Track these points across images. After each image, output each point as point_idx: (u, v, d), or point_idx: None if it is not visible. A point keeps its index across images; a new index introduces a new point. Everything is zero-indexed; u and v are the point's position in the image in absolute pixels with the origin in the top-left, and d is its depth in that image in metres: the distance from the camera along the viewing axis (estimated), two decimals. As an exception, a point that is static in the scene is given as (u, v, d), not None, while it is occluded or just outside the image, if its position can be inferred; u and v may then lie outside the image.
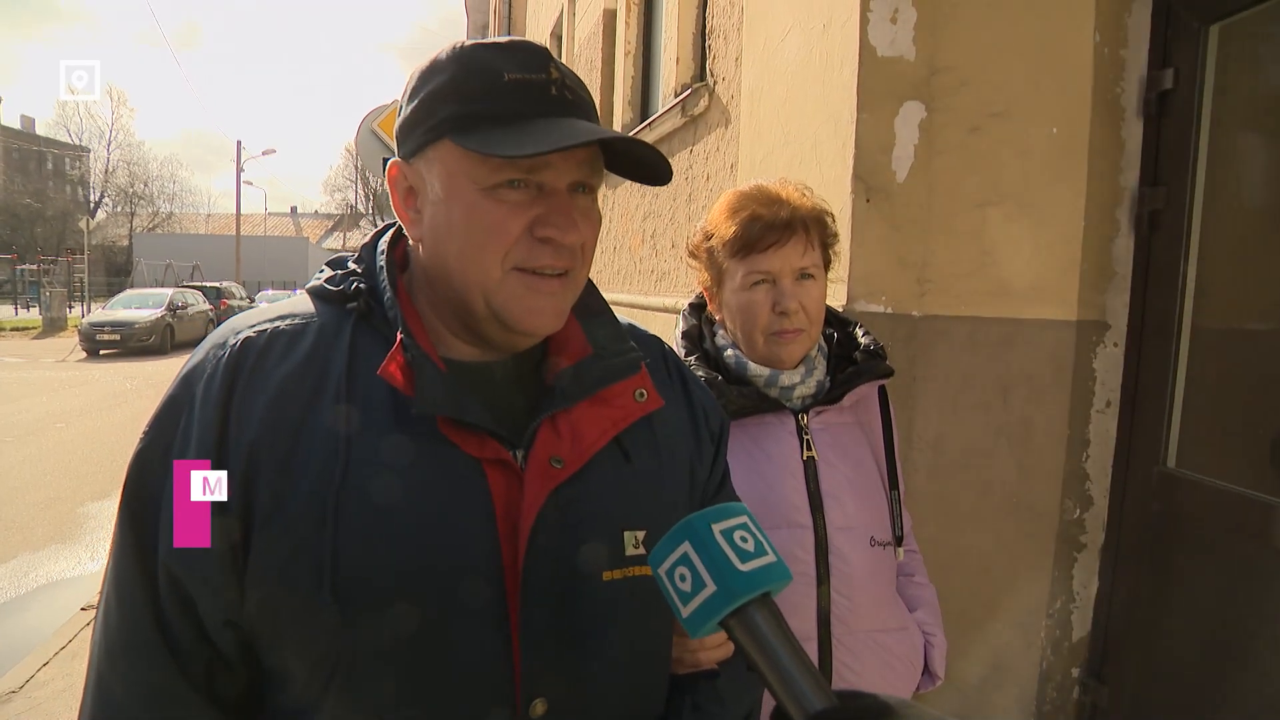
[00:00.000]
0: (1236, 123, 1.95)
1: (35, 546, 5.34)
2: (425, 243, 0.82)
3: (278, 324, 0.81)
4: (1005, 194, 2.03)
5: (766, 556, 0.65)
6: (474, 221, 0.77)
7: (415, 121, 0.80)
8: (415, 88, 0.81)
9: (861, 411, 1.43)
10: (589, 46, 7.20)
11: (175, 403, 0.79)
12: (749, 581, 0.63)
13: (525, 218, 0.78)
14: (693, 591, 0.64)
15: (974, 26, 2.03)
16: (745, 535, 0.65)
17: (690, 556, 0.64)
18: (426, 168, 0.80)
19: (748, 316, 1.35)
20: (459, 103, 0.77)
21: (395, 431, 0.76)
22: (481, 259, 0.78)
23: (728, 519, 0.66)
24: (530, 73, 0.77)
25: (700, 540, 0.65)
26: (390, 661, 0.75)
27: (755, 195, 1.36)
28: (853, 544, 1.34)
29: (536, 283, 0.79)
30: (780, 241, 1.31)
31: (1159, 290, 2.00)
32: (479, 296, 0.79)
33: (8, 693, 3.36)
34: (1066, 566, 2.10)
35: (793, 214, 1.32)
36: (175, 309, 19.46)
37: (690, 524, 0.66)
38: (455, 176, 0.78)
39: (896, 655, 1.38)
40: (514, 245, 0.78)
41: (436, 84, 0.79)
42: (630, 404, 0.86)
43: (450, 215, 0.78)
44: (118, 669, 0.78)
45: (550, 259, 0.79)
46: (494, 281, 0.78)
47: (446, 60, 0.79)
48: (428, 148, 0.79)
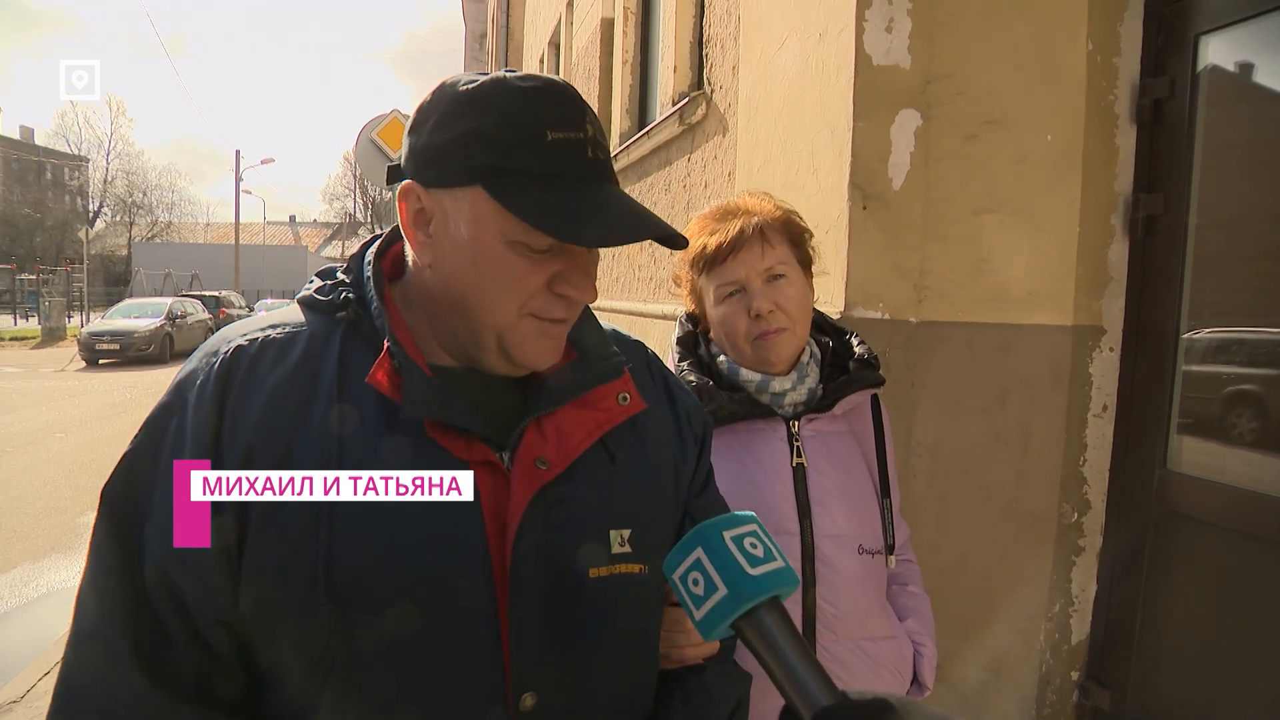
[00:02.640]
0: (1230, 129, 1.97)
1: (35, 556, 5.33)
2: (436, 269, 0.82)
3: (269, 332, 0.83)
4: (1001, 201, 2.05)
5: (775, 562, 0.68)
6: (497, 269, 0.79)
7: (445, 155, 0.79)
8: (447, 116, 0.79)
9: (854, 420, 1.44)
10: (587, 55, 7.23)
11: (167, 409, 0.81)
12: (759, 585, 0.66)
13: (547, 273, 0.80)
14: (705, 595, 0.67)
15: (969, 35, 2.05)
16: (755, 542, 0.69)
17: (703, 562, 0.68)
18: (453, 205, 0.79)
19: (729, 327, 1.37)
20: (499, 153, 0.77)
21: (385, 436, 0.78)
22: (498, 304, 0.80)
23: (738, 526, 0.69)
24: (570, 131, 0.78)
25: (712, 547, 0.68)
26: (384, 660, 0.76)
27: (714, 213, 1.41)
28: (841, 551, 1.35)
29: (548, 328, 0.83)
30: (737, 249, 1.34)
31: (1154, 295, 2.01)
32: (491, 334, 0.82)
33: (9, 702, 3.36)
34: (1065, 570, 2.11)
35: (746, 220, 1.35)
36: (174, 318, 19.46)
37: (702, 531, 0.69)
38: (484, 224, 0.78)
39: (884, 664, 1.38)
40: (532, 297, 0.80)
41: (475, 125, 0.77)
42: (614, 407, 0.88)
43: (474, 257, 0.79)
44: (86, 668, 0.78)
45: (563, 312, 0.83)
46: (508, 324, 0.81)
47: (488, 100, 0.78)
48: (457, 188, 0.79)
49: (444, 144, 0.79)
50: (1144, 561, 2.02)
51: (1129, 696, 2.04)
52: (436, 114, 0.80)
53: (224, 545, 0.76)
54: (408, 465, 0.77)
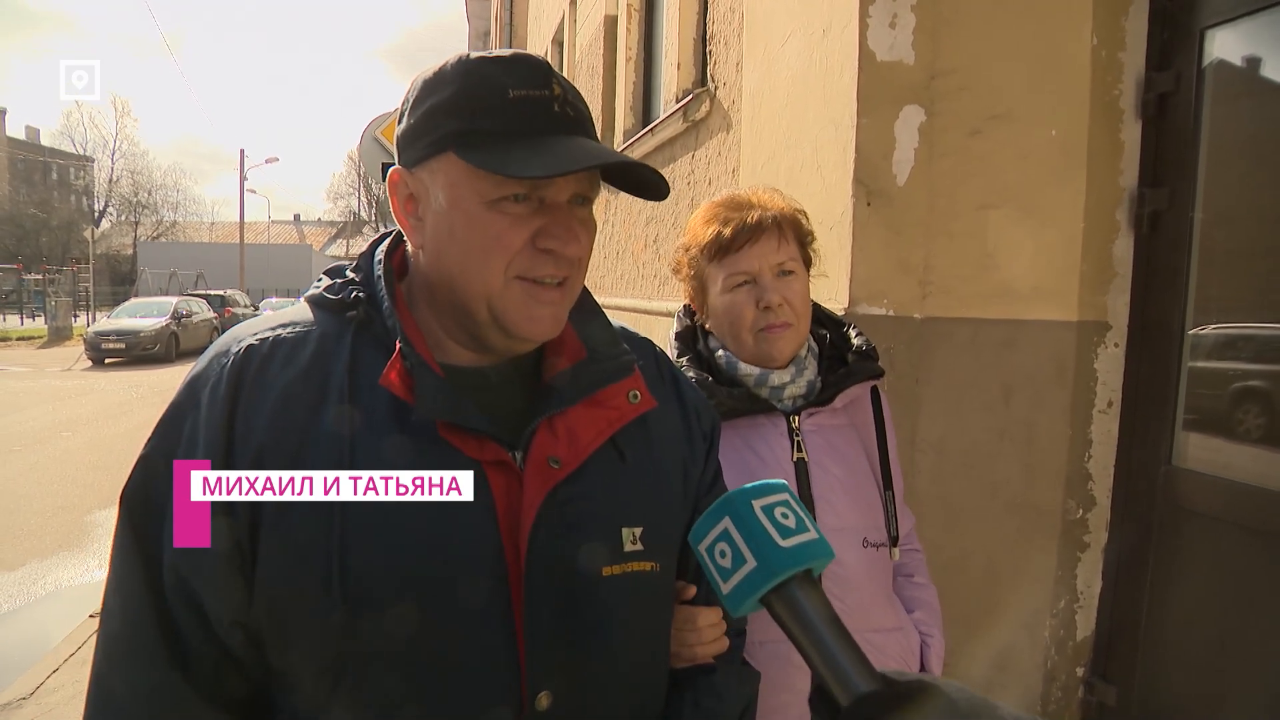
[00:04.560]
0: (1235, 124, 1.96)
1: (44, 554, 5.36)
2: (427, 250, 0.83)
3: (279, 332, 0.83)
4: (1006, 196, 2.04)
5: (808, 533, 0.63)
6: (477, 232, 0.79)
7: (418, 133, 0.81)
8: (418, 98, 0.82)
9: (855, 413, 1.44)
10: (590, 53, 7.22)
11: (180, 409, 0.82)
12: (790, 557, 0.61)
13: (528, 230, 0.80)
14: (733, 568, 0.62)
15: (973, 31, 2.05)
16: (786, 512, 0.64)
17: (730, 532, 0.63)
18: (430, 178, 0.81)
19: (734, 317, 1.36)
20: (463, 118, 0.79)
21: (397, 436, 0.78)
22: (484, 268, 0.80)
23: (769, 495, 0.64)
24: (533, 89, 0.79)
25: (740, 516, 0.63)
26: (397, 660, 0.77)
27: (725, 202, 1.40)
28: (845, 545, 1.34)
29: (537, 291, 0.82)
30: (754, 239, 1.34)
31: (1159, 290, 2.01)
32: (481, 303, 0.81)
33: (19, 699, 3.37)
34: (1070, 566, 2.10)
35: (763, 213, 1.35)
36: (180, 317, 19.50)
37: (731, 500, 0.64)
38: (459, 189, 0.79)
39: (891, 656, 1.38)
40: (516, 256, 0.80)
41: (440, 97, 0.80)
42: (624, 405, 0.88)
43: (453, 225, 0.80)
44: (118, 670, 0.79)
45: (551, 269, 0.82)
46: (496, 290, 0.81)
47: (451, 74, 0.81)
48: (431, 159, 0.80)
49: (415, 123, 0.82)
50: (1149, 557, 2.01)
51: (1134, 692, 2.04)
52: (410, 102, 0.83)
53: (234, 546, 0.77)
54: (420, 465, 0.77)
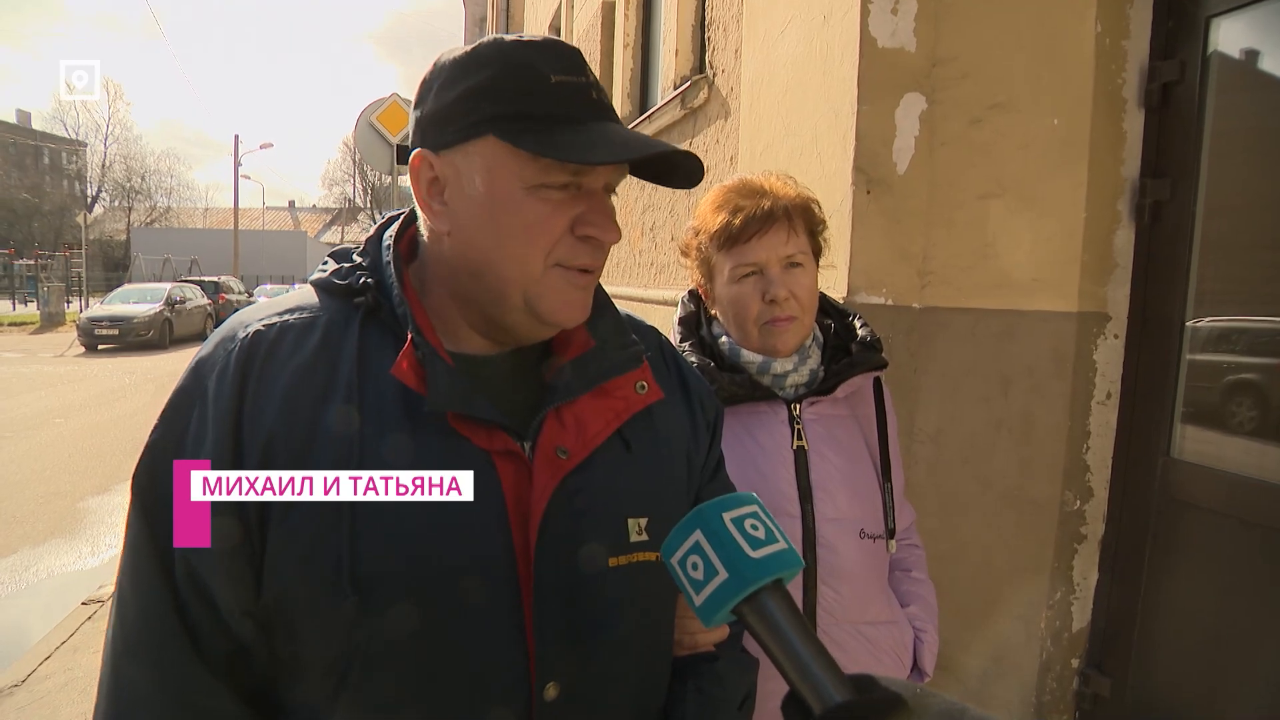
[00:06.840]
0: (1239, 115, 1.94)
1: (36, 541, 5.34)
2: (454, 235, 0.82)
3: (286, 318, 0.82)
4: (1006, 186, 2.03)
5: (777, 544, 0.65)
6: (518, 220, 0.78)
7: (451, 115, 0.79)
8: (447, 80, 0.80)
9: (856, 403, 1.43)
10: (588, 39, 7.17)
11: (187, 395, 0.80)
12: (760, 568, 0.63)
13: (568, 216, 0.79)
14: (705, 580, 0.64)
15: (975, 18, 2.02)
16: (756, 523, 0.65)
17: (702, 545, 0.65)
18: (464, 161, 0.79)
19: (739, 308, 1.35)
20: (505, 101, 0.77)
21: (407, 426, 0.78)
22: (524, 255, 0.79)
23: (738, 507, 0.66)
24: (573, 75, 0.78)
25: (711, 529, 0.65)
26: (406, 651, 0.76)
27: (738, 188, 1.37)
28: (842, 535, 1.34)
29: (574, 278, 0.82)
30: (764, 231, 1.31)
31: (1159, 281, 2.00)
32: (517, 289, 0.80)
33: (10, 686, 3.37)
34: (1067, 558, 2.10)
35: (775, 203, 1.33)
36: (173, 303, 19.40)
37: (701, 513, 0.66)
38: (498, 173, 0.78)
39: (884, 649, 1.37)
40: (557, 243, 0.80)
41: (476, 80, 0.78)
42: (632, 396, 0.88)
43: (492, 211, 0.79)
44: (137, 658, 0.78)
45: (589, 258, 0.82)
46: (535, 275, 0.80)
47: (486, 56, 0.79)
48: (466, 143, 0.79)
49: (449, 104, 0.79)
50: (1146, 549, 2.01)
51: (1129, 684, 2.05)
52: (437, 82, 0.81)
53: (242, 538, 0.76)
54: (429, 455, 0.77)
